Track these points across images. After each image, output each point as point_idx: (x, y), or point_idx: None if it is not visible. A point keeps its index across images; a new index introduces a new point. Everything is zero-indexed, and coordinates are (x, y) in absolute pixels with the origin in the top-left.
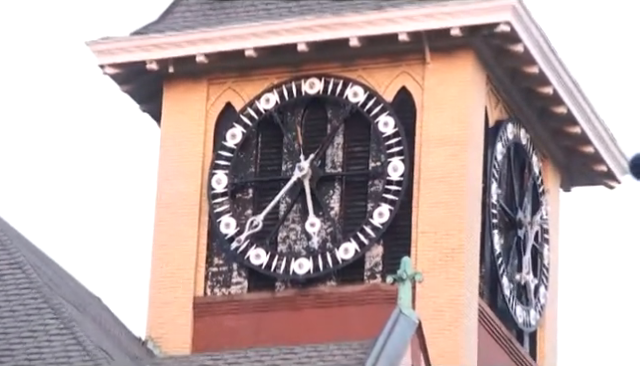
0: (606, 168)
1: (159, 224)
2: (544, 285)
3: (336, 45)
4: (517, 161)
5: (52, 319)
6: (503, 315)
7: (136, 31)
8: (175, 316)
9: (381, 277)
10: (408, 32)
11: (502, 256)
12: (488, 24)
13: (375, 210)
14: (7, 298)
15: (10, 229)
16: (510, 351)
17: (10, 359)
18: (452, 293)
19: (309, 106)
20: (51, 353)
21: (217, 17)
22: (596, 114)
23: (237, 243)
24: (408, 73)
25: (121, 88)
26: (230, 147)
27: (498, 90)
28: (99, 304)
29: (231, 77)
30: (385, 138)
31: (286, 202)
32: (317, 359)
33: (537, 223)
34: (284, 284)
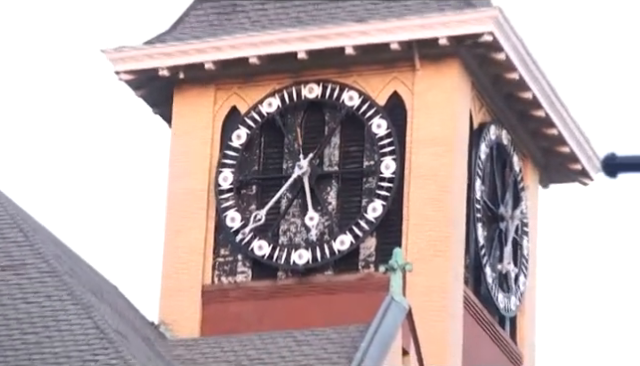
0: (581, 167)
1: (170, 218)
2: (524, 274)
3: (333, 53)
4: (499, 160)
5: (72, 305)
6: (486, 301)
7: (149, 40)
8: (185, 303)
9: (374, 267)
10: (399, 41)
11: (485, 247)
12: (473, 34)
13: (369, 205)
14: (31, 285)
15: (33, 222)
16: (492, 334)
17: (34, 340)
18: (439, 281)
19: (308, 109)
20: (71, 335)
21: (223, 27)
22: (572, 117)
23: (242, 235)
24: (399, 79)
25: (135, 93)
26: (235, 147)
27: (482, 95)
28: (115, 291)
29: (236, 83)
30: (378, 139)
31: (287, 198)
32: (316, 342)
33: (517, 217)
34: (285, 273)
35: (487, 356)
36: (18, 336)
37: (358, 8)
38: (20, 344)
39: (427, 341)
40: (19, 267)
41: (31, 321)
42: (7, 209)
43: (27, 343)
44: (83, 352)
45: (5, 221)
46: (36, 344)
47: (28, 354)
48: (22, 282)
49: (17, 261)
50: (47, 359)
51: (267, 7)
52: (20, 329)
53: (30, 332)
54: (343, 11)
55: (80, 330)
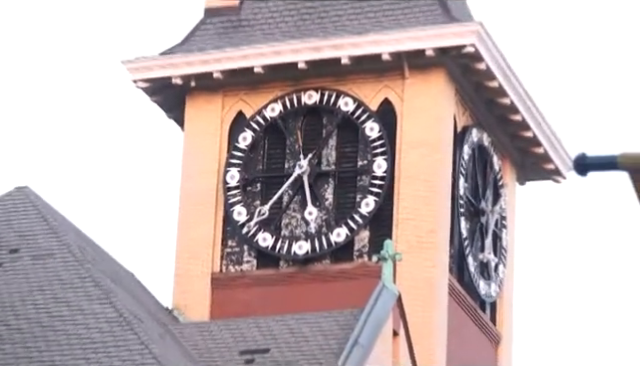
0: (554, 166)
1: (183, 213)
2: (502, 263)
3: (330, 63)
4: (480, 160)
5: (94, 291)
6: (469, 288)
7: (163, 52)
8: (196, 289)
9: (367, 257)
10: (390, 53)
11: (468, 239)
12: (456, 46)
13: (363, 201)
14: (57, 273)
15: (59, 216)
16: (474, 318)
17: (60, 322)
18: (426, 270)
19: (307, 114)
20: (93, 317)
21: (230, 40)
22: (546, 121)
23: (247, 228)
24: (390, 87)
25: (151, 99)
26: (242, 148)
27: (465, 101)
28: (132, 278)
29: (242, 90)
30: (371, 141)
31: (288, 194)
32: (314, 325)
33: (497, 212)
34: (287, 262)
35: (469, 337)
36: (46, 319)
37: (353, 22)
38: (48, 326)
39: (415, 323)
40: (47, 257)
41: (57, 306)
42: (36, 205)
43: (54, 326)
44: (104, 333)
45: (34, 216)
46: (62, 326)
47: (55, 335)
48: (49, 270)
49: (45, 251)
50: (72, 339)
51: (270, 22)
52: (48, 313)
53: (56, 315)
54: (339, 25)
55: (101, 313)
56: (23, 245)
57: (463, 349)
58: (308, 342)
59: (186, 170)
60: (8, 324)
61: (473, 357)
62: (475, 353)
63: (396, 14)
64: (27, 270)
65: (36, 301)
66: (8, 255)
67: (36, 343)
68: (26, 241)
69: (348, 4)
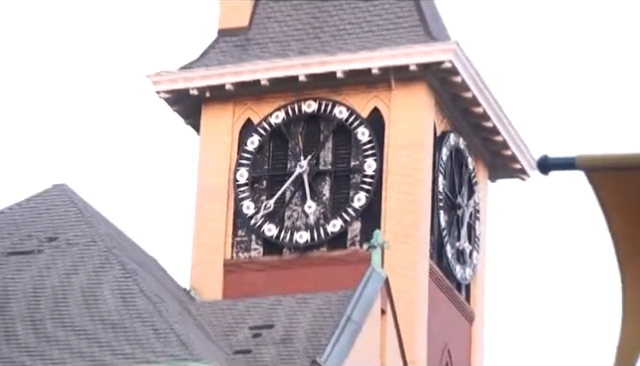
0: (520, 166)
1: (199, 206)
2: (476, 250)
3: (326, 77)
4: (457, 161)
5: (121, 273)
6: (447, 272)
7: (182, 67)
8: (211, 273)
9: (359, 245)
10: (379, 68)
11: (446, 229)
12: (436, 62)
13: (355, 196)
14: (89, 258)
15: (92, 209)
16: (451, 298)
17: (92, 301)
18: (410, 256)
19: (307, 121)
20: (121, 296)
21: (240, 57)
22: (513, 127)
23: (255, 220)
24: (379, 97)
25: (171, 108)
26: (250, 150)
27: (443, 109)
28: (155, 263)
29: (250, 100)
30: (362, 144)
31: (290, 190)
32: (313, 304)
33: (471, 206)
34: (289, 250)
35: (447, 314)
36: (80, 298)
37: (346, 41)
38: (81, 304)
39: (400, 303)
40: (80, 244)
41: (89, 286)
42: (72, 200)
43: (88, 304)
44: (130, 310)
45: (70, 209)
46: (94, 305)
47: (88, 312)
48: (82, 256)
49: (79, 239)
50: (103, 315)
51: (274, 41)
52: (82, 292)
53: (89, 295)
54: (334, 44)
55: (128, 292)
56: (60, 234)
57: (442, 325)
58: (307, 319)
59: (202, 169)
60: (47, 302)
61: (450, 332)
62: (452, 328)
63: (384, 34)
64: (63, 255)
65: (71, 282)
66: (47, 243)
67: (71, 318)
68: (63, 230)
69: (342, 25)
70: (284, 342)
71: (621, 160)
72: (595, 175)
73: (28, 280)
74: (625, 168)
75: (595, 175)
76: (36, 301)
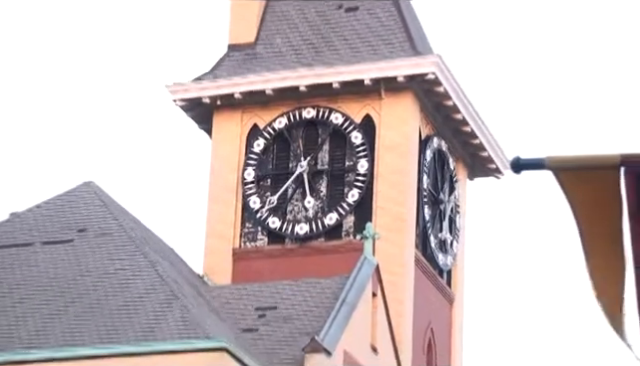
0: (495, 166)
1: (211, 201)
2: (456, 240)
3: (324, 87)
4: (440, 161)
5: (142, 261)
6: (430, 259)
7: (196, 78)
8: (221, 260)
9: (353, 236)
10: (370, 79)
11: (430, 222)
12: (421, 74)
13: (349, 193)
14: (114, 248)
15: (117, 204)
16: (434, 282)
17: (118, 285)
18: (398, 246)
19: (307, 126)
20: (142, 282)
21: (248, 69)
22: (489, 131)
23: (260, 214)
24: (370, 105)
25: (186, 114)
26: (256, 152)
27: (427, 116)
28: (172, 252)
29: (256, 107)
30: (356, 146)
31: (292, 187)
32: (312, 288)
33: (452, 201)
34: (291, 240)
35: (431, 297)
36: (106, 283)
37: (342, 55)
38: (108, 288)
39: (389, 287)
40: (106, 235)
41: (115, 273)
42: (99, 196)
43: (113, 287)
44: (150, 294)
45: (98, 204)
46: (119, 289)
47: (113, 296)
48: (108, 245)
49: (105, 231)
50: (126, 298)
51: (278, 55)
52: (108, 278)
53: (114, 280)
54: (331, 58)
55: (148, 279)
56: (89, 226)
57: (426, 306)
58: (307, 301)
59: (214, 169)
60: (77, 287)
61: (433, 313)
62: (435, 310)
63: (375, 49)
64: (91, 245)
65: (98, 268)
66: (77, 234)
67: (99, 301)
68: (91, 223)
69: (337, 41)
70: (286, 322)
71: (584, 161)
72: (562, 174)
73: (60, 266)
74: (587, 168)
75: (562, 174)
76: (67, 285)
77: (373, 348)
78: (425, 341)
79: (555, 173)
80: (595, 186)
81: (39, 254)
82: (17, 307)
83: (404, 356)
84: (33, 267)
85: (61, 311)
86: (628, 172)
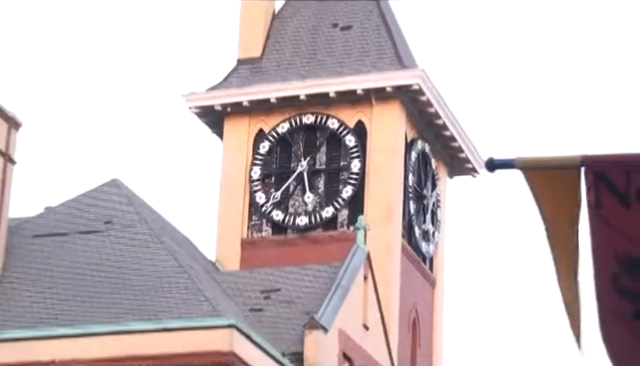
0: (472, 166)
1: (222, 197)
2: (437, 231)
3: (322, 96)
4: (423, 161)
5: (161, 249)
6: (415, 248)
7: (209, 88)
8: (231, 249)
9: (347, 227)
10: (362, 89)
11: (414, 215)
12: (407, 85)
13: (344, 189)
14: (137, 237)
15: (139, 199)
16: (418, 268)
17: (140, 268)
18: (387, 236)
19: (306, 130)
20: (162, 267)
21: (254, 80)
22: (467, 135)
23: (265, 208)
24: (362, 112)
25: (200, 120)
26: (262, 153)
27: (412, 121)
28: (188, 241)
29: (262, 114)
30: (349, 148)
31: (293, 184)
32: (311, 273)
33: (434, 196)
34: (292, 231)
35: (415, 281)
36: (130, 268)
37: (337, 68)
38: (130, 273)
39: (379, 272)
40: (130, 226)
41: (137, 259)
42: (124, 191)
43: (135, 271)
44: (169, 277)
45: (123, 198)
46: (140, 273)
47: (136, 279)
48: (132, 235)
49: (129, 223)
50: (147, 280)
51: (281, 68)
52: (131, 263)
53: (137, 264)
54: (328, 70)
55: (167, 264)
56: (114, 218)
57: (411, 289)
58: (306, 284)
59: (224, 168)
60: (105, 272)
61: (417, 295)
62: (419, 292)
63: (366, 63)
64: (117, 235)
65: (123, 256)
66: (104, 225)
67: (123, 284)
68: (116, 216)
69: (333, 56)
70: (288, 302)
71: (549, 161)
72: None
73: (91, 253)
74: (551, 167)
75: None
76: (96, 270)
77: (365, 326)
78: (410, 320)
79: (523, 172)
80: (558, 184)
81: (71, 243)
82: (52, 289)
83: (392, 333)
84: (66, 254)
85: (90, 292)
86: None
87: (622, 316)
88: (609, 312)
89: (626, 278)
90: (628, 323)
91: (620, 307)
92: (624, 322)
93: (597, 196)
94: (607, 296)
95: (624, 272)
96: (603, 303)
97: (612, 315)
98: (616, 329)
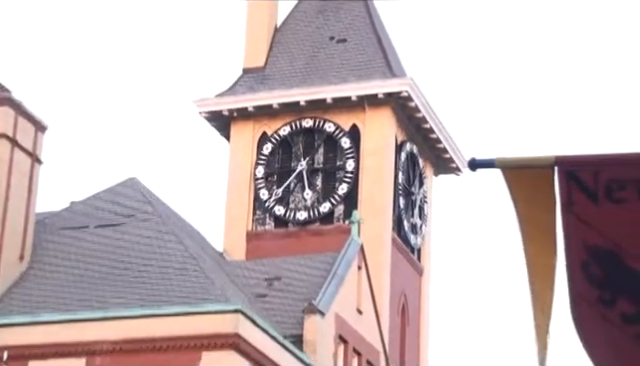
0: (456, 165)
1: (229, 193)
2: (425, 224)
3: (319, 102)
4: (411, 161)
5: (174, 241)
6: (404, 239)
7: (217, 94)
8: (237, 240)
9: (342, 221)
10: (356, 96)
11: (404, 210)
12: (397, 92)
13: (339, 186)
14: (153, 229)
15: (154, 196)
16: (407, 258)
17: (154, 258)
18: (378, 229)
19: (305, 133)
20: (174, 257)
21: (258, 88)
22: (451, 137)
23: (268, 203)
24: (356, 116)
25: (210, 123)
26: (265, 154)
27: (402, 125)
28: (198, 234)
29: (265, 118)
30: (345, 149)
31: (294, 182)
32: (310, 262)
33: (421, 193)
34: (292, 224)
35: (404, 269)
36: (147, 255)
37: (333, 77)
38: (146, 260)
39: (371, 262)
40: (147, 220)
41: (153, 249)
42: (141, 189)
43: (151, 260)
44: (182, 265)
45: (140, 195)
46: (155, 261)
47: (151, 266)
48: (149, 227)
49: (146, 216)
50: (162, 269)
51: (282, 76)
52: (148, 251)
53: (152, 254)
54: (325, 79)
55: (178, 255)
56: (133, 213)
57: (400, 277)
58: (305, 273)
59: (231, 167)
60: (123, 261)
61: (406, 282)
62: (407, 280)
63: (359, 72)
64: (137, 227)
65: (140, 244)
66: (126, 218)
67: (140, 272)
68: (135, 210)
69: (330, 65)
70: (289, 289)
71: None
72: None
73: (111, 244)
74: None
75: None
76: (116, 257)
77: (358, 311)
78: (400, 305)
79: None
80: (533, 182)
81: (93, 235)
82: (76, 276)
83: (383, 317)
84: (88, 245)
85: (109, 279)
86: (560, 171)
87: (590, 300)
88: (578, 296)
89: (594, 267)
90: (594, 305)
91: (588, 292)
92: (591, 305)
93: (569, 193)
94: (577, 282)
95: (593, 262)
96: (573, 288)
97: (580, 298)
98: (584, 311)
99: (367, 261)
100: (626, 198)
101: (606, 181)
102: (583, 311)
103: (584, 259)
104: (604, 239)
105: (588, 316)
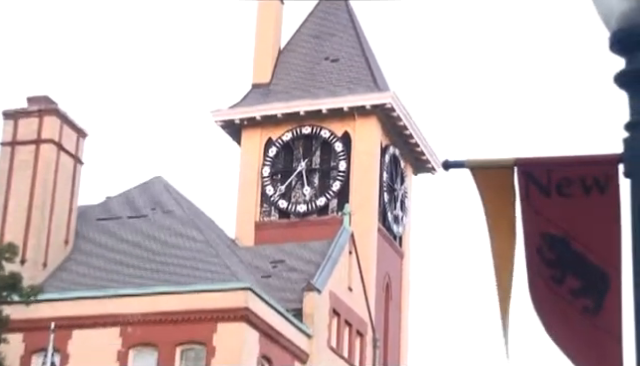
0: (432, 165)
1: (241, 190)
2: (405, 216)
3: (316, 112)
4: (394, 162)
5: (194, 229)
6: (388, 228)
7: (230, 106)
8: (247, 229)
9: (336, 213)
10: (347, 107)
11: (387, 203)
12: (382, 103)
13: (333, 184)
14: (175, 219)
15: (177, 192)
16: (390, 244)
17: (175, 244)
18: (366, 220)
19: (305, 138)
20: (194, 244)
21: (265, 100)
22: (428, 142)
23: (273, 198)
24: (348, 124)
25: (224, 130)
26: (270, 156)
27: (387, 132)
28: (214, 223)
29: (270, 126)
30: (338, 152)
31: (294, 180)
32: (308, 248)
33: (403, 189)
34: (294, 216)
35: (388, 254)
36: (170, 241)
37: (328, 91)
38: (169, 247)
39: (360, 248)
40: (170, 212)
41: (175, 237)
42: (165, 186)
43: (173, 246)
44: (199, 251)
45: (164, 191)
46: (176, 246)
47: (174, 250)
48: (171, 218)
49: (169, 209)
50: (183, 252)
51: (284, 90)
52: (171, 238)
53: (174, 242)
54: (321, 92)
55: (197, 241)
56: (158, 206)
57: (385, 260)
58: (305, 257)
59: (242, 168)
60: (151, 246)
61: (390, 265)
62: (391, 263)
63: (350, 86)
64: (161, 217)
65: (164, 233)
66: (151, 211)
67: (164, 256)
68: (159, 204)
69: (325, 81)
70: (291, 271)
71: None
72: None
73: (139, 233)
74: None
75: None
76: (145, 243)
77: (349, 288)
78: (384, 284)
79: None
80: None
81: (125, 225)
82: (112, 260)
83: (370, 294)
84: (121, 233)
85: (140, 263)
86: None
87: (544, 279)
88: (535, 275)
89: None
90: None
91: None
92: (546, 284)
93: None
94: (533, 264)
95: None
96: (531, 269)
97: (537, 277)
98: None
99: (357, 247)
100: (573, 193)
101: (557, 179)
102: (539, 290)
103: (539, 244)
104: (555, 227)
105: (543, 294)
